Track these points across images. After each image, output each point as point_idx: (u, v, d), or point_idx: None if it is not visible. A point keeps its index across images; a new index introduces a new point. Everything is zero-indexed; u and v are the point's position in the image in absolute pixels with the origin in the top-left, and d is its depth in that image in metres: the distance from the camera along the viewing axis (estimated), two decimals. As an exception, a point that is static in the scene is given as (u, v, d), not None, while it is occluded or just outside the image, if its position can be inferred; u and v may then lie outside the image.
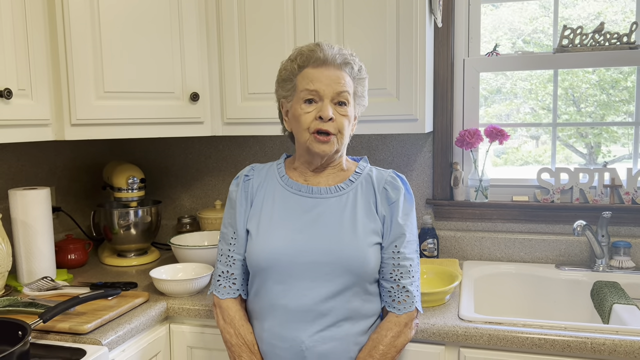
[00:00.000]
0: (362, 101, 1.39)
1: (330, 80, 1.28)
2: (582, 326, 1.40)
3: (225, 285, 1.37)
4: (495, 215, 2.06)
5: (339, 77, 1.30)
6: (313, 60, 1.30)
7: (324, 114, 1.27)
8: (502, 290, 1.93)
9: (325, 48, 1.31)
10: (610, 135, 2.11)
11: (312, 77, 1.29)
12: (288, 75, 1.34)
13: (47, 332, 1.42)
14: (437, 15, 1.88)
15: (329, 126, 1.29)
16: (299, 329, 1.25)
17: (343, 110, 1.30)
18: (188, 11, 1.84)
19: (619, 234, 1.96)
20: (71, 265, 2.03)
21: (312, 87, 1.28)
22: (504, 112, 2.20)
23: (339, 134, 1.31)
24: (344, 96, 1.30)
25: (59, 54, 1.64)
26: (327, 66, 1.29)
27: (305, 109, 1.30)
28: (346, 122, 1.31)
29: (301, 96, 1.31)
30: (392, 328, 1.28)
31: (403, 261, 1.31)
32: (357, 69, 1.34)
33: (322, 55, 1.29)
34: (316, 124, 1.29)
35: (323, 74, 1.29)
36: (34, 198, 1.76)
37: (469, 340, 1.42)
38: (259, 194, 1.38)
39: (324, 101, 1.28)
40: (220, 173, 2.37)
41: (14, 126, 1.54)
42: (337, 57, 1.30)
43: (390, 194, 1.34)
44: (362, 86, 1.37)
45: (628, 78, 2.03)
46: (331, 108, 1.28)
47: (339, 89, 1.29)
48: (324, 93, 1.28)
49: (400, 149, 2.14)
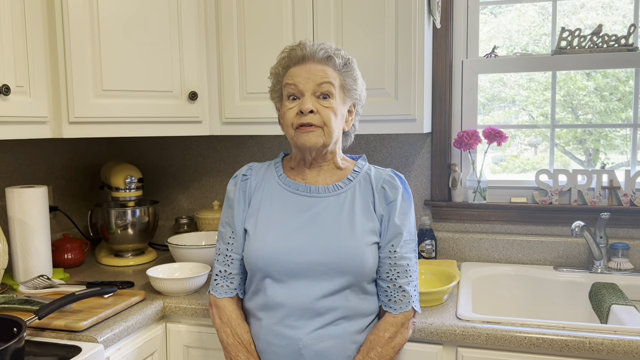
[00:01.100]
0: (354, 94, 1.35)
1: (310, 74, 1.28)
2: (580, 326, 1.40)
3: (223, 285, 1.36)
4: (494, 217, 2.06)
5: (320, 70, 1.29)
6: (295, 60, 1.31)
7: (303, 107, 1.26)
8: (500, 292, 1.93)
9: (307, 45, 1.31)
10: (608, 142, 2.11)
11: (293, 74, 1.30)
12: (277, 79, 1.35)
13: (42, 330, 1.41)
14: (435, 17, 1.88)
15: (310, 119, 1.27)
16: (297, 327, 1.24)
17: (327, 102, 1.29)
18: (187, 10, 1.84)
19: (617, 235, 1.96)
20: (68, 265, 2.02)
21: (291, 81, 1.29)
22: (502, 119, 2.20)
23: (325, 127, 1.29)
24: (325, 88, 1.28)
25: (58, 51, 1.64)
26: (308, 62, 1.29)
27: (289, 105, 1.30)
28: (332, 115, 1.29)
29: (284, 93, 1.31)
30: (388, 329, 1.27)
31: (400, 260, 1.30)
32: (342, 62, 1.32)
33: (301, 53, 1.30)
34: (298, 119, 1.28)
35: (304, 70, 1.29)
36: (31, 196, 1.76)
37: (466, 339, 1.42)
38: (257, 193, 1.38)
39: (305, 95, 1.28)
40: (218, 173, 2.37)
41: (11, 123, 1.53)
42: (318, 52, 1.29)
43: (388, 193, 1.33)
44: (351, 78, 1.34)
45: (626, 83, 2.03)
46: (312, 101, 1.27)
47: (319, 81, 1.27)
48: (304, 87, 1.28)
49: (398, 150, 2.13)
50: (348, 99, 1.35)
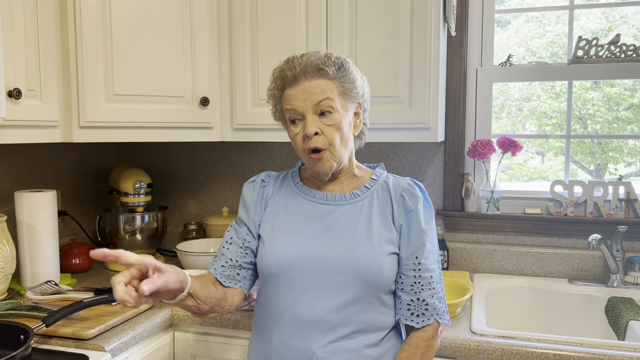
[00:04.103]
0: (355, 94, 1.28)
1: (305, 94, 1.23)
2: (598, 342, 1.36)
3: (230, 274, 1.29)
4: (507, 228, 2.02)
5: (313, 86, 1.23)
6: (288, 82, 1.25)
7: (306, 131, 1.22)
8: (514, 305, 1.89)
9: (295, 62, 1.24)
10: (619, 154, 2.08)
11: (289, 97, 1.24)
12: (274, 101, 1.31)
13: (49, 337, 1.39)
14: (451, 24, 1.86)
15: (316, 142, 1.23)
16: (310, 340, 1.21)
17: (328, 120, 1.23)
18: (200, 15, 1.83)
19: (634, 249, 1.92)
20: (75, 270, 2.01)
21: (290, 107, 1.24)
22: (510, 128, 2.17)
23: (330, 147, 1.24)
24: (324, 105, 1.23)
25: (70, 55, 1.63)
26: (300, 81, 1.23)
27: (294, 131, 1.26)
28: (335, 133, 1.24)
29: (286, 117, 1.27)
30: (419, 344, 1.23)
31: (424, 273, 1.26)
32: (335, 69, 1.25)
33: (291, 74, 1.24)
34: (306, 144, 1.24)
35: (298, 90, 1.23)
36: (39, 201, 1.74)
37: (481, 354, 1.38)
38: (273, 201, 1.35)
39: (306, 117, 1.23)
40: (227, 180, 2.35)
41: (22, 127, 1.52)
42: (307, 67, 1.23)
43: (407, 202, 1.29)
44: (348, 82, 1.26)
45: (635, 95, 2.00)
46: (315, 121, 1.23)
47: (316, 99, 1.22)
48: (303, 109, 1.23)
49: (411, 158, 2.11)
50: (350, 103, 1.28)
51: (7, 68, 1.43)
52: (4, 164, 1.91)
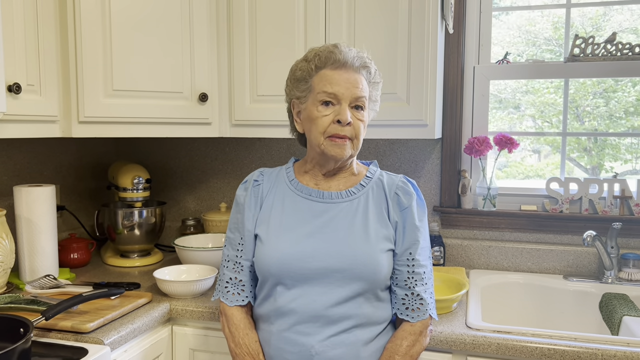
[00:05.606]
0: (375, 106, 1.36)
1: (349, 84, 1.25)
2: (592, 337, 1.38)
3: (234, 292, 1.34)
4: (503, 224, 2.04)
5: (357, 80, 1.27)
6: (331, 62, 1.27)
7: (343, 118, 1.24)
8: (509, 300, 1.91)
9: (344, 50, 1.27)
10: (614, 151, 2.10)
11: (331, 80, 1.26)
12: (303, 76, 1.30)
13: (49, 330, 1.40)
14: (448, 22, 1.87)
15: (346, 131, 1.26)
16: (309, 334, 1.22)
17: (360, 114, 1.28)
18: (199, 11, 1.83)
19: (629, 245, 1.94)
20: (74, 265, 2.01)
21: (331, 90, 1.25)
22: (507, 125, 2.18)
23: (355, 139, 1.28)
24: (361, 101, 1.27)
25: (69, 50, 1.64)
26: (345, 69, 1.26)
27: (323, 112, 1.26)
28: (362, 127, 1.28)
29: (318, 98, 1.27)
30: (406, 337, 1.26)
31: (418, 268, 1.28)
32: (373, 73, 1.32)
33: (341, 57, 1.26)
34: (334, 128, 1.25)
35: (342, 77, 1.25)
36: (38, 195, 1.75)
37: (476, 349, 1.40)
38: (268, 199, 1.36)
39: (342, 104, 1.25)
40: (225, 175, 2.36)
41: (21, 121, 1.53)
42: (355, 59, 1.27)
43: (402, 199, 1.32)
44: (376, 90, 1.34)
45: (631, 91, 2.02)
46: (349, 112, 1.26)
47: (358, 94, 1.26)
48: (343, 96, 1.25)
49: (408, 155, 2.12)
50: (372, 111, 1.35)
51: (6, 63, 1.44)
52: (3, 158, 1.91)
